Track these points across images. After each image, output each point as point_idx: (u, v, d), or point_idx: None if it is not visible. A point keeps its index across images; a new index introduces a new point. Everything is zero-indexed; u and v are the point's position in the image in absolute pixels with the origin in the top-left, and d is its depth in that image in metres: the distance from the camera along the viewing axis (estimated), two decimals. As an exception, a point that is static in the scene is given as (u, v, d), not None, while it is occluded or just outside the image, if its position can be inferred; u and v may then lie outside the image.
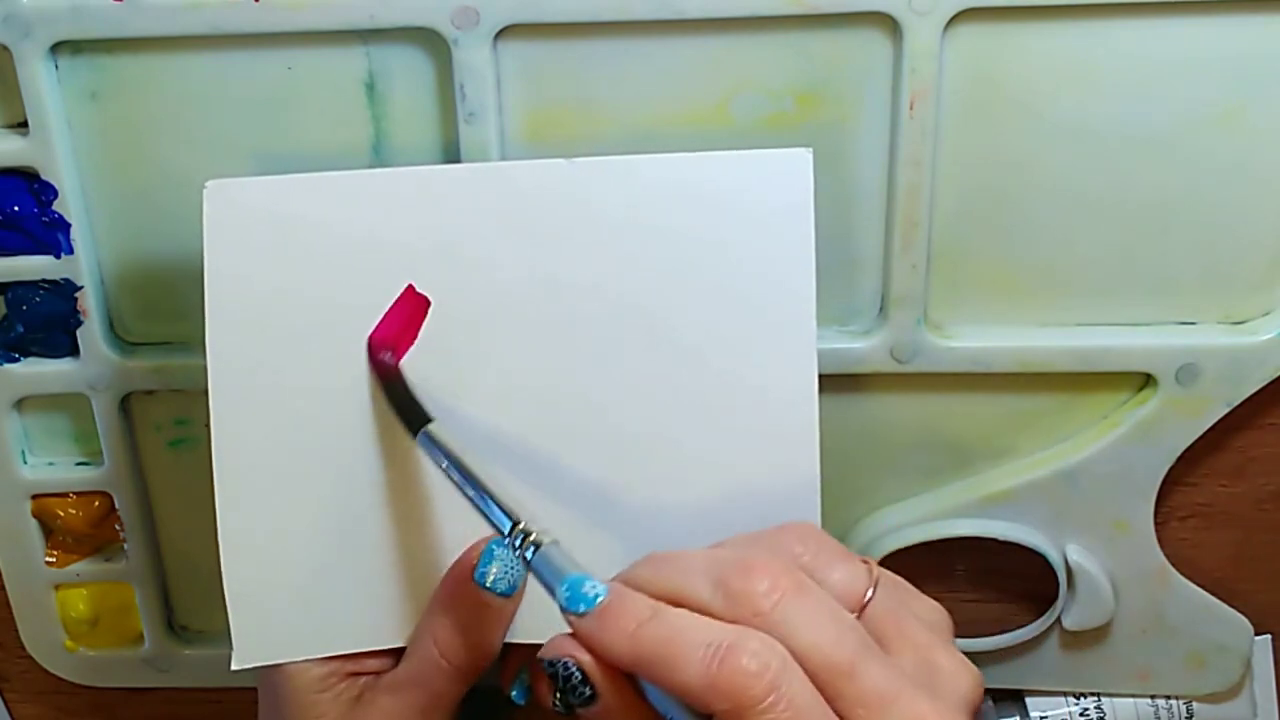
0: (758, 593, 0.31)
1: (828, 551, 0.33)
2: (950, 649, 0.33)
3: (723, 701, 0.29)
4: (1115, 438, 0.45)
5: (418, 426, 0.36)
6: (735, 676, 0.29)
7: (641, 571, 0.33)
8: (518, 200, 0.38)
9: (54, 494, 0.48)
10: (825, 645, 0.30)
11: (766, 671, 0.29)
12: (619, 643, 0.31)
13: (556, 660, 0.32)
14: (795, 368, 0.38)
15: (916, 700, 0.30)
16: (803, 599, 0.31)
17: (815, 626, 0.30)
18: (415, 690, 0.39)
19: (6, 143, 0.42)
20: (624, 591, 0.32)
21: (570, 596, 0.32)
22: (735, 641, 0.29)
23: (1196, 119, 0.41)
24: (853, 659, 0.30)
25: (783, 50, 0.41)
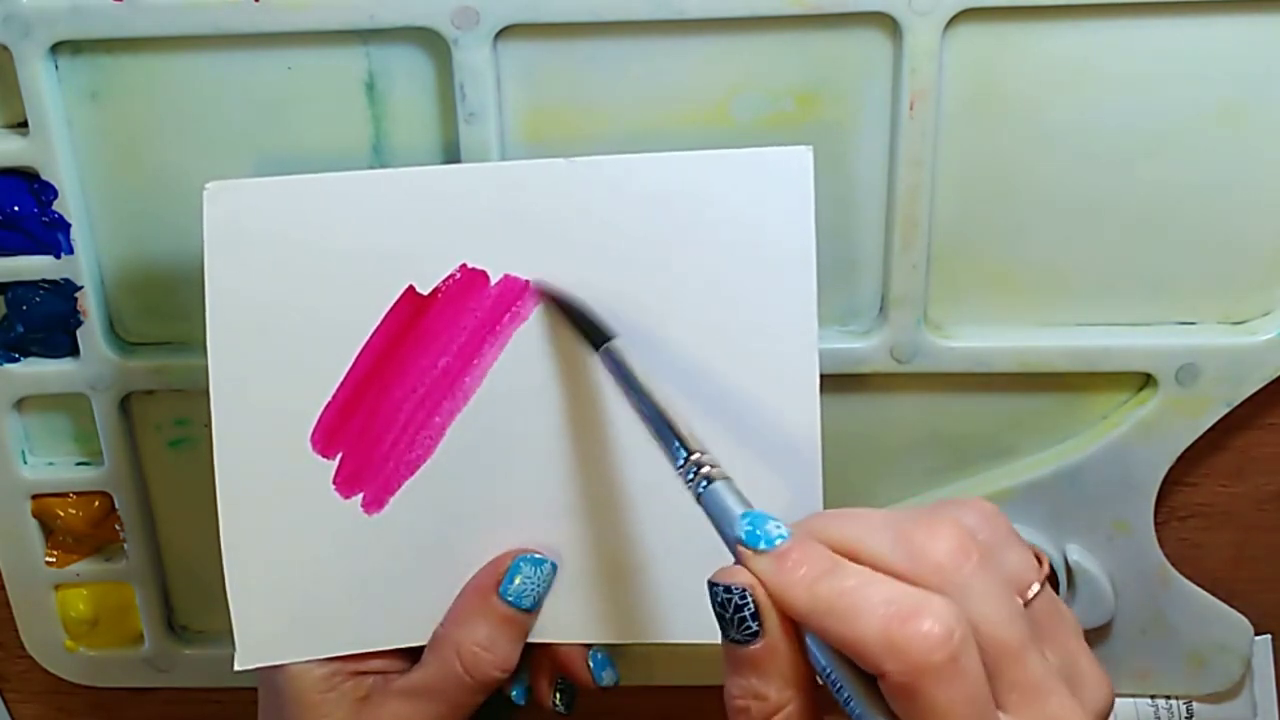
0: (942, 553, 0.30)
1: (1006, 534, 0.33)
2: (1091, 657, 0.33)
3: (899, 662, 0.28)
4: (1115, 438, 0.45)
5: (601, 342, 0.35)
6: (916, 638, 0.28)
7: (816, 522, 0.31)
8: (518, 200, 0.38)
9: (54, 494, 0.48)
10: (1000, 622, 0.29)
11: (950, 639, 0.28)
12: (796, 588, 0.30)
13: (734, 587, 0.30)
14: (797, 366, 0.38)
15: (1066, 699, 0.30)
16: (984, 571, 0.30)
17: (994, 601, 0.30)
18: (433, 699, 0.39)
19: (6, 143, 0.42)
20: (807, 538, 0.30)
21: (751, 532, 0.30)
22: (921, 603, 0.28)
23: (1196, 119, 0.41)
24: (1021, 643, 0.30)
25: (783, 50, 0.41)
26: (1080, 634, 0.33)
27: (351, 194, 0.38)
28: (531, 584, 0.39)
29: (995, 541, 0.32)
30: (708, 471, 0.32)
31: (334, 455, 0.39)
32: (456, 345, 0.38)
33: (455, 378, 0.39)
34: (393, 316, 0.38)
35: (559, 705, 0.42)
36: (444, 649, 0.39)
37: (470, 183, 0.38)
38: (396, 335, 0.38)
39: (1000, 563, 0.32)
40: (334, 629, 0.39)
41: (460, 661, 0.38)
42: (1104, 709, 0.32)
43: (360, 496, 0.39)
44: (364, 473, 0.39)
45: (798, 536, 0.30)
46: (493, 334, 0.38)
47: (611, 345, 0.36)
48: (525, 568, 0.39)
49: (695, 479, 0.32)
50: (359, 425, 0.39)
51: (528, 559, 0.39)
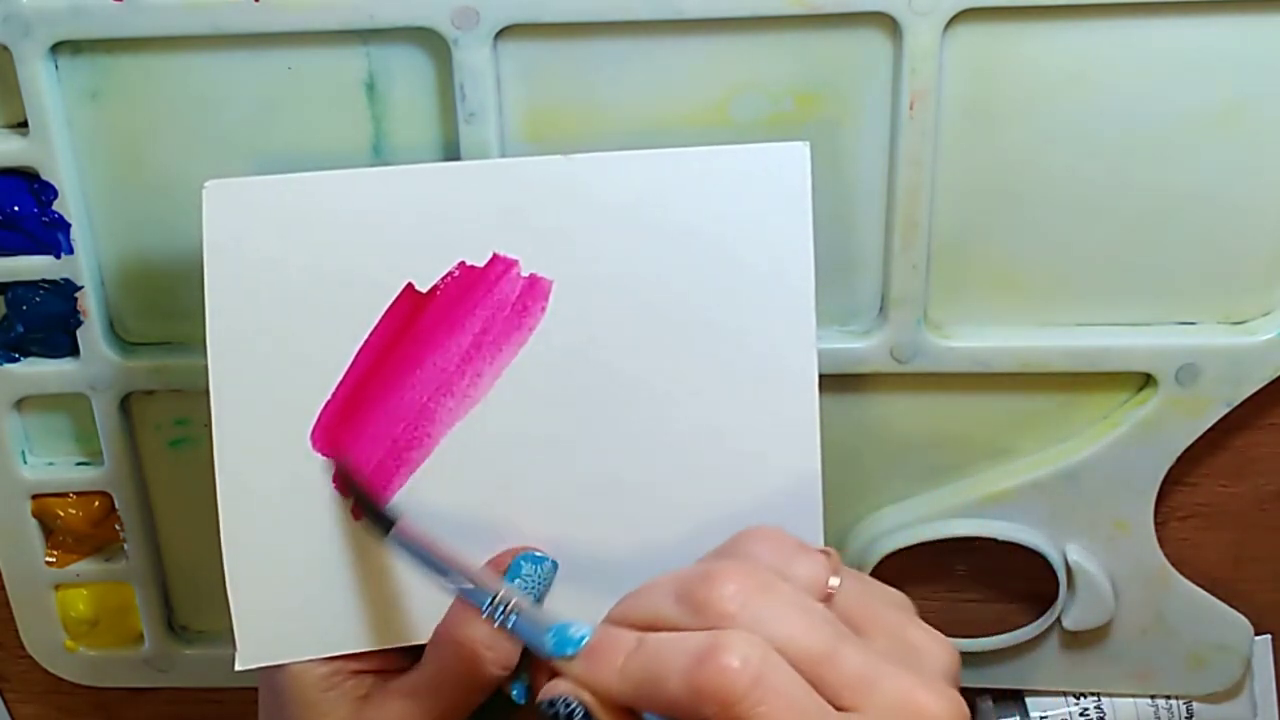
0: (723, 598, 0.31)
1: (787, 548, 0.34)
2: (921, 625, 0.34)
3: (712, 704, 0.29)
4: (1115, 438, 0.45)
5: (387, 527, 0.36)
6: (718, 676, 0.29)
7: (615, 610, 0.33)
8: (516, 197, 0.38)
9: (54, 494, 0.48)
10: (799, 636, 0.30)
11: (749, 665, 0.29)
12: (609, 676, 0.31)
13: (557, 699, 0.32)
14: (796, 362, 0.38)
15: (899, 676, 0.31)
16: (769, 595, 0.31)
17: (787, 620, 0.31)
18: (434, 698, 0.39)
19: (6, 143, 0.42)
20: (607, 628, 0.33)
21: (557, 642, 0.33)
22: (713, 643, 0.30)
23: (1196, 119, 0.41)
24: (829, 645, 0.31)
25: (783, 50, 0.41)
26: (905, 607, 0.34)
27: (351, 192, 0.38)
28: (532, 582, 0.39)
29: (781, 560, 0.33)
30: (514, 604, 0.34)
31: (334, 454, 0.39)
32: (455, 343, 0.39)
33: (455, 375, 0.39)
34: (392, 314, 0.38)
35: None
36: (445, 647, 0.39)
37: (469, 180, 0.38)
38: (396, 333, 0.38)
39: (792, 576, 0.33)
40: (335, 628, 0.39)
41: (461, 660, 0.38)
42: (949, 669, 0.33)
43: None
44: (365, 470, 0.39)
45: (599, 629, 0.32)
46: (492, 331, 0.38)
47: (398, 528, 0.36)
48: (526, 566, 0.39)
49: (506, 614, 0.34)
50: (359, 423, 0.39)
51: (529, 557, 0.39)
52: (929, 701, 0.30)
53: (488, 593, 0.35)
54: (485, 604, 0.35)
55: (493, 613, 0.34)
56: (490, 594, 0.35)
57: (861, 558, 0.47)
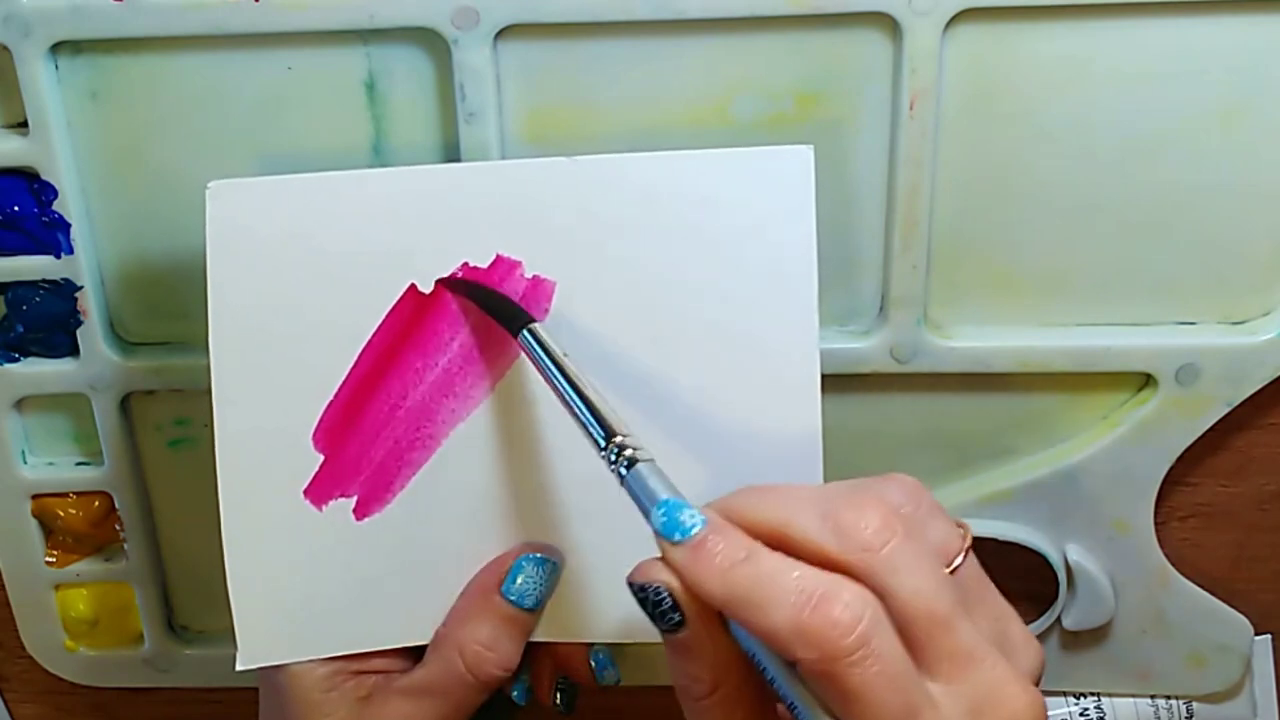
0: (869, 529, 0.30)
1: (929, 507, 0.33)
2: (1022, 624, 0.34)
3: (810, 650, 0.28)
4: (1115, 438, 0.45)
5: (520, 325, 0.35)
6: (825, 626, 0.28)
7: (745, 500, 0.32)
8: (520, 198, 0.38)
9: (54, 494, 0.48)
10: (928, 593, 0.30)
11: (858, 623, 0.28)
12: (711, 579, 0.30)
13: (648, 585, 0.31)
14: (798, 366, 0.38)
15: (999, 664, 0.30)
16: (911, 544, 0.30)
17: (922, 573, 0.30)
18: (436, 699, 0.39)
19: (6, 143, 0.42)
20: (721, 526, 0.31)
21: (666, 523, 0.31)
22: (829, 590, 0.29)
23: (1196, 119, 0.41)
24: (950, 612, 0.30)
25: (783, 50, 0.41)
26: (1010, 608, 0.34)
27: (354, 193, 0.38)
28: (534, 583, 0.39)
29: (919, 515, 0.33)
30: (630, 454, 0.32)
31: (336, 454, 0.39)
32: (458, 344, 0.39)
33: (457, 376, 0.39)
34: (394, 316, 0.38)
35: (560, 704, 0.42)
36: (446, 648, 0.39)
37: (472, 181, 0.38)
38: (398, 334, 0.38)
39: (925, 535, 0.32)
40: (336, 628, 0.39)
41: (463, 661, 0.38)
42: (1036, 671, 0.33)
43: (361, 495, 0.39)
44: (365, 471, 0.39)
45: (713, 524, 0.31)
46: (494, 332, 0.38)
47: (531, 328, 0.35)
48: (528, 567, 0.39)
49: (618, 461, 0.32)
50: (362, 424, 0.39)
51: (530, 558, 0.39)
52: (1019, 696, 0.30)
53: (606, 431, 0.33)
54: (602, 443, 0.33)
55: (607, 456, 0.32)
56: (607, 435, 0.33)
57: (861, 558, 0.47)
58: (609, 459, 0.32)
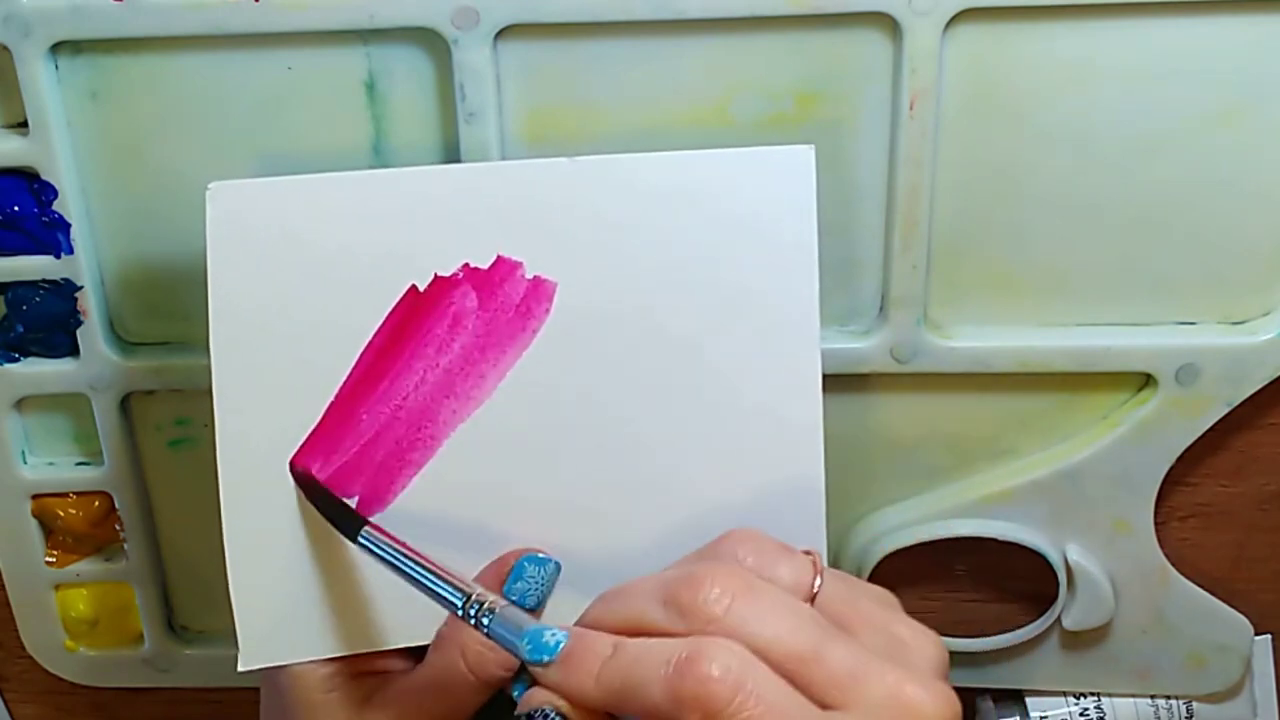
0: (709, 600, 0.31)
1: (770, 550, 0.34)
2: (908, 620, 0.34)
3: (692, 713, 0.29)
4: (1115, 438, 0.45)
5: (356, 529, 0.36)
6: (698, 685, 0.29)
7: (596, 610, 0.33)
8: (520, 200, 0.38)
9: (54, 494, 0.48)
10: (785, 635, 0.30)
11: (729, 673, 0.29)
12: (586, 684, 0.31)
13: (535, 712, 0.32)
14: (799, 366, 0.38)
15: (886, 671, 0.31)
16: (754, 597, 0.31)
17: (772, 620, 0.31)
18: (437, 699, 0.39)
19: (6, 143, 0.42)
20: (583, 633, 0.32)
21: (532, 648, 0.32)
22: (692, 651, 0.30)
23: (1196, 119, 0.41)
24: (815, 644, 0.31)
25: (783, 50, 0.41)
26: (891, 602, 0.34)
27: (355, 193, 0.38)
28: (535, 583, 0.39)
29: (763, 562, 0.33)
30: (489, 604, 0.34)
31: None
32: (459, 344, 0.39)
33: (458, 377, 0.39)
34: (395, 316, 0.38)
35: (560, 705, 0.42)
36: (448, 648, 0.39)
37: (473, 182, 0.38)
38: (399, 335, 0.38)
39: (775, 577, 0.33)
40: (337, 629, 0.39)
41: (464, 661, 0.38)
42: (936, 664, 0.33)
43: (362, 496, 0.39)
44: (366, 472, 0.39)
45: (575, 634, 0.32)
46: (495, 333, 0.38)
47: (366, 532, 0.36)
48: (529, 567, 0.39)
49: (479, 613, 0.34)
50: (362, 424, 0.39)
51: (532, 558, 0.39)
52: (918, 696, 0.30)
53: (460, 594, 0.34)
54: (459, 606, 0.34)
55: (467, 615, 0.34)
56: (463, 595, 0.34)
57: (861, 558, 0.47)
58: (471, 616, 0.34)
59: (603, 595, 0.34)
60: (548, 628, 0.33)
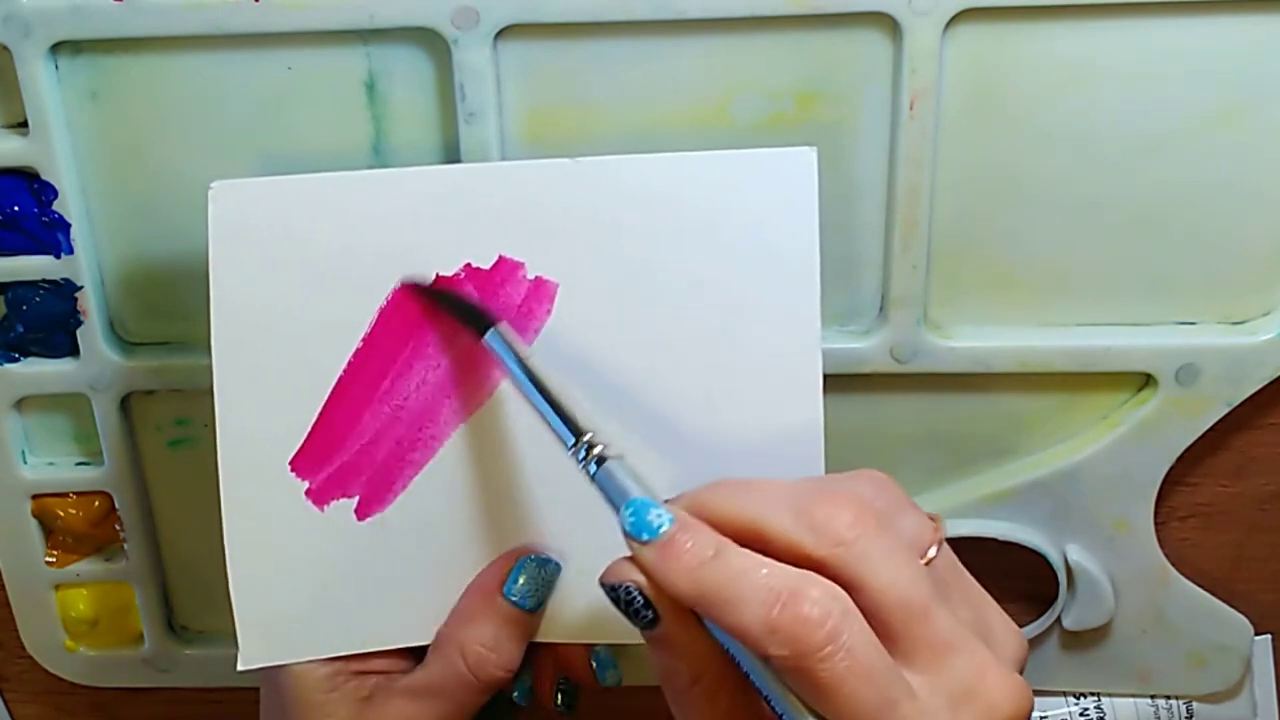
0: (842, 524, 0.30)
1: (900, 500, 0.34)
2: (999, 611, 0.34)
3: (782, 647, 0.29)
4: (1115, 438, 0.45)
5: (485, 326, 0.36)
6: (796, 624, 0.29)
7: (716, 496, 0.32)
8: (521, 200, 0.38)
9: (54, 494, 0.48)
10: (904, 584, 0.30)
11: (828, 619, 0.29)
12: (680, 578, 0.30)
13: (619, 585, 0.31)
14: (800, 366, 0.38)
15: (979, 650, 0.31)
16: (884, 537, 0.31)
17: (896, 564, 0.30)
18: (438, 699, 0.39)
19: (6, 143, 0.42)
20: (689, 524, 0.31)
21: (634, 523, 0.31)
22: (798, 588, 0.29)
23: (1196, 119, 0.41)
24: (927, 602, 0.30)
25: (783, 50, 0.41)
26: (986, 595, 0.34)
27: (356, 193, 0.38)
28: (536, 584, 0.39)
29: (891, 508, 0.33)
30: (599, 452, 0.32)
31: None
32: (460, 345, 0.39)
33: (459, 377, 0.39)
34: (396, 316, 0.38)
35: (561, 705, 0.42)
36: (448, 649, 0.39)
37: (474, 182, 0.38)
38: (400, 335, 0.38)
39: (898, 528, 0.33)
40: (337, 628, 0.39)
41: (464, 661, 0.38)
42: (1019, 659, 0.33)
43: (363, 496, 0.39)
44: (367, 472, 0.39)
45: (682, 522, 0.31)
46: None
47: (497, 329, 0.36)
48: (530, 568, 0.39)
49: (586, 459, 0.32)
50: (363, 424, 0.39)
51: (532, 559, 0.39)
52: (1000, 681, 0.30)
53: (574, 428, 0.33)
54: (569, 444, 0.33)
55: (575, 456, 0.33)
56: (576, 434, 0.33)
57: (861, 558, 0.47)
58: (577, 457, 0.33)
59: (723, 483, 0.32)
60: (654, 504, 0.31)
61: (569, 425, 0.33)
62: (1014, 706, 0.30)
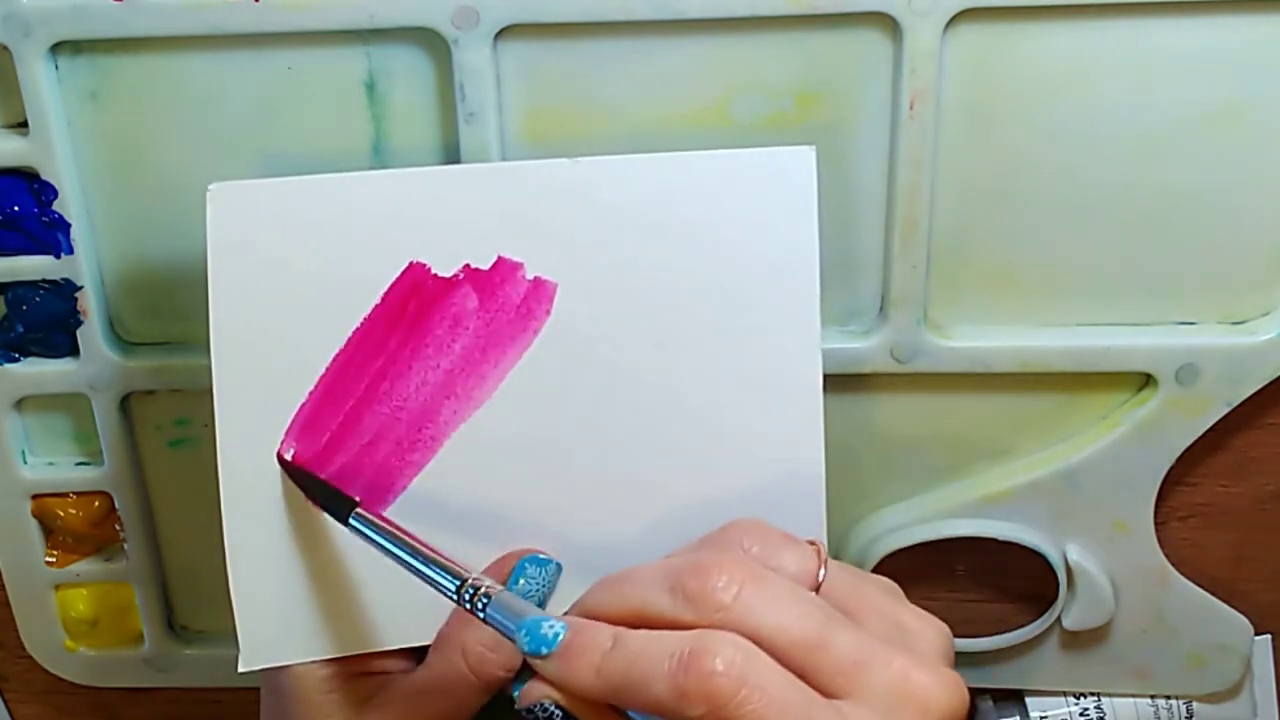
0: (716, 588, 0.31)
1: (774, 540, 0.34)
2: (911, 608, 0.34)
3: (697, 707, 0.29)
4: (1115, 438, 0.45)
5: (347, 511, 0.36)
6: (703, 680, 0.29)
7: (597, 597, 0.33)
8: (521, 200, 0.38)
9: (54, 494, 0.48)
10: (791, 623, 0.30)
11: (732, 667, 0.29)
12: (586, 678, 0.31)
13: (534, 706, 0.32)
14: (800, 366, 0.38)
15: (893, 658, 0.31)
16: (761, 585, 0.31)
17: (779, 608, 0.31)
18: (439, 699, 0.39)
19: (6, 143, 0.42)
20: (582, 625, 0.32)
21: (530, 639, 0.32)
22: (696, 645, 0.30)
23: (1196, 119, 0.41)
24: (821, 631, 0.31)
25: (783, 50, 0.41)
26: (894, 591, 0.35)
27: (356, 194, 0.38)
28: (536, 585, 0.39)
29: (767, 550, 0.33)
30: (484, 590, 0.33)
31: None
32: (460, 345, 0.39)
33: (459, 378, 0.39)
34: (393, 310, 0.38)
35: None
36: (449, 649, 0.39)
37: (474, 183, 0.38)
38: (400, 335, 0.38)
39: (780, 566, 0.33)
40: (338, 629, 0.39)
41: (465, 661, 0.38)
42: (942, 650, 0.33)
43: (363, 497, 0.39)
44: (367, 472, 0.39)
45: (574, 626, 0.32)
46: (496, 333, 0.38)
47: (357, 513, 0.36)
48: (530, 568, 0.39)
49: (474, 600, 0.33)
50: (363, 425, 0.39)
51: (533, 559, 0.39)
52: (925, 681, 0.31)
53: (455, 579, 0.34)
54: (454, 591, 0.34)
55: (462, 600, 0.34)
56: (458, 580, 0.34)
57: (861, 558, 0.47)
58: (465, 602, 0.34)
59: (602, 581, 0.33)
60: (546, 618, 0.32)
61: (451, 575, 0.34)
62: (946, 700, 0.31)
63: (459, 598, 0.34)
